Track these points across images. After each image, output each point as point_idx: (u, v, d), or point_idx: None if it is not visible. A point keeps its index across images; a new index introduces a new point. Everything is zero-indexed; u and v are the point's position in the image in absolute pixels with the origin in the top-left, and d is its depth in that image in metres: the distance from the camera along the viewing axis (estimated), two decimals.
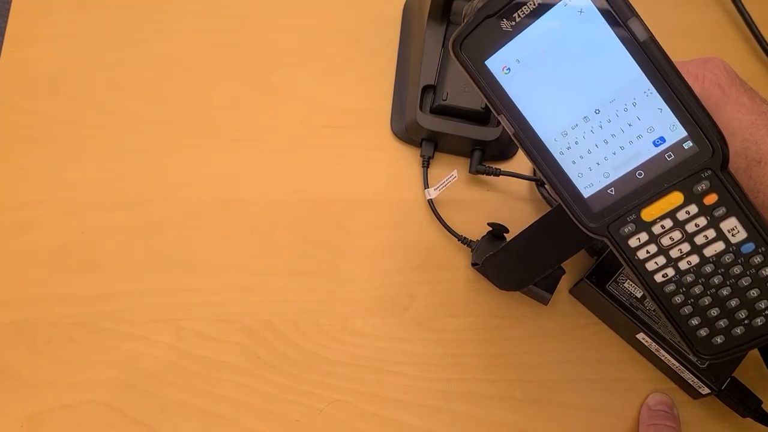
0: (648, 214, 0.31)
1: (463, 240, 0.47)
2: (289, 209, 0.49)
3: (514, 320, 0.47)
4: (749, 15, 0.55)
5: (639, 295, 0.44)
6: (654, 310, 0.44)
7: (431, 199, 0.49)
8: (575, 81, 0.30)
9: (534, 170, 0.51)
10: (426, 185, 0.49)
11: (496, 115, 0.31)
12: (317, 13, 0.55)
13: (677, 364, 0.43)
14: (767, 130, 0.32)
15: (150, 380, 0.45)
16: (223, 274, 0.48)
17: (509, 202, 0.50)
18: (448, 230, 0.48)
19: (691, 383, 0.44)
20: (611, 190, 0.31)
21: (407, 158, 0.51)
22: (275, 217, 0.49)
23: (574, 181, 0.31)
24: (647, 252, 0.31)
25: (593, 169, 0.31)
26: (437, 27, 0.50)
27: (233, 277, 0.47)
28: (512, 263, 0.43)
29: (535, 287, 0.45)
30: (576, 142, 0.31)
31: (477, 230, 0.47)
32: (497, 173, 0.49)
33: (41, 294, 0.47)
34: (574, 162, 0.31)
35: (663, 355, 0.44)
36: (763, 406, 0.43)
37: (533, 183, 0.50)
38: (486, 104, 0.31)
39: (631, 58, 0.29)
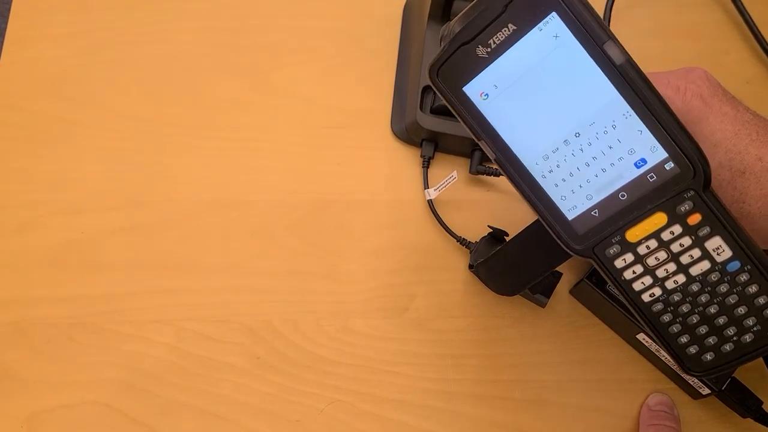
0: (633, 235, 0.31)
1: (462, 241, 0.47)
2: (289, 209, 0.49)
3: (513, 321, 0.47)
4: (749, 15, 0.55)
5: None
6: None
7: (431, 200, 0.49)
8: (554, 105, 0.30)
9: None
10: (426, 186, 0.49)
11: (476, 141, 0.31)
12: (317, 13, 0.55)
13: (677, 365, 0.43)
14: (750, 140, 0.32)
15: (150, 380, 0.45)
16: (223, 274, 0.48)
17: (509, 203, 0.50)
18: (447, 231, 0.48)
19: (692, 383, 0.44)
20: (595, 212, 0.31)
21: (407, 158, 0.51)
22: (275, 217, 0.49)
23: (557, 204, 0.31)
24: (633, 272, 0.32)
25: (576, 191, 0.31)
26: (437, 27, 0.50)
27: (233, 278, 0.47)
28: (505, 269, 0.42)
29: (531, 291, 0.45)
30: (558, 166, 0.31)
31: (477, 231, 0.47)
32: (497, 174, 0.49)
33: (41, 294, 0.47)
34: (556, 185, 0.31)
35: (663, 355, 0.44)
36: (763, 406, 0.43)
37: None
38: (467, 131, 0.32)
39: (609, 82, 0.29)
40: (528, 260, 0.40)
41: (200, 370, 0.45)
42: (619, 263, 0.32)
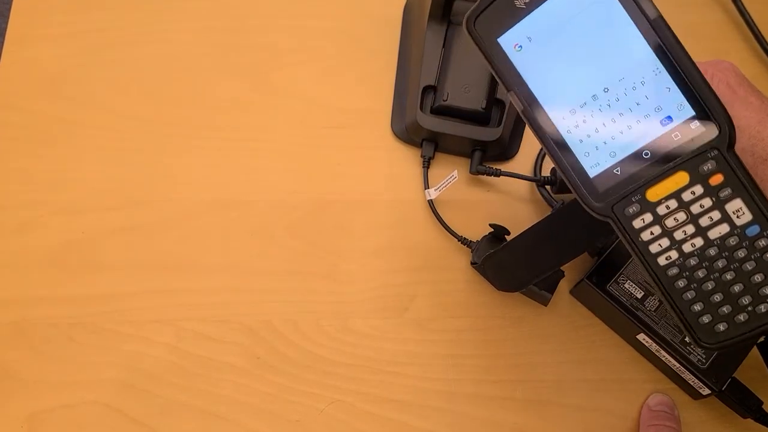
0: (653, 194, 0.30)
1: (463, 240, 0.47)
2: (289, 209, 0.49)
3: (514, 321, 0.47)
4: (749, 15, 0.55)
5: (639, 296, 0.44)
6: (657, 300, 0.44)
7: (431, 200, 0.49)
8: (586, 59, 0.30)
9: (534, 170, 0.50)
10: (426, 185, 0.49)
11: (506, 91, 0.31)
12: (317, 13, 0.55)
13: (678, 365, 0.43)
14: None
15: (150, 380, 0.45)
16: (223, 274, 0.48)
17: (510, 203, 0.50)
18: (448, 231, 0.48)
19: (692, 384, 0.44)
20: (617, 170, 0.31)
21: (408, 158, 0.51)
22: (275, 218, 0.49)
23: (580, 161, 0.31)
24: (651, 233, 0.31)
25: (600, 148, 0.31)
26: (438, 27, 0.50)
27: (233, 278, 0.47)
28: (512, 263, 0.43)
29: (534, 288, 0.45)
30: (584, 120, 0.31)
31: (477, 231, 0.47)
32: (498, 174, 0.49)
33: (41, 294, 0.47)
34: (581, 141, 0.31)
35: (663, 355, 0.44)
36: (763, 406, 0.43)
37: (534, 184, 0.50)
38: (497, 81, 0.32)
39: (642, 37, 0.29)
40: (536, 256, 0.40)
41: (200, 370, 0.45)
42: (637, 223, 0.31)
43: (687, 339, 0.42)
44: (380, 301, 0.47)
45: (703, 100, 0.29)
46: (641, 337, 0.44)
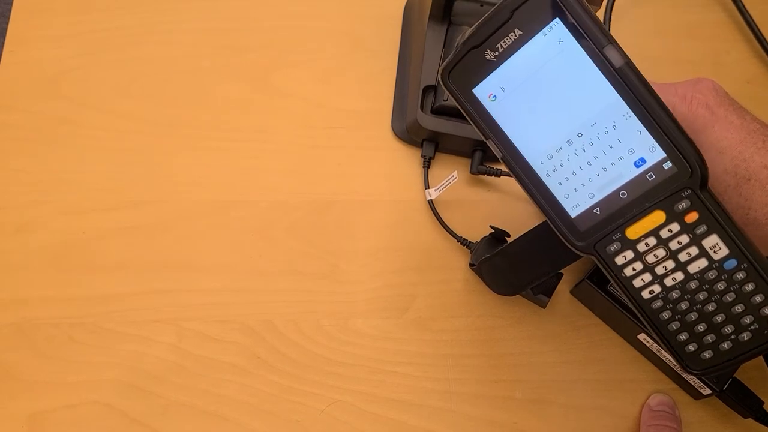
0: (632, 232, 0.32)
1: (463, 241, 0.47)
2: (290, 210, 0.49)
3: (514, 320, 0.47)
4: (750, 15, 0.55)
5: None
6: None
7: (432, 200, 0.49)
8: (558, 106, 0.31)
9: None
10: (427, 186, 0.49)
11: (484, 140, 0.33)
12: (318, 14, 0.55)
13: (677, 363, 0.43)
14: (756, 148, 0.32)
15: (151, 380, 0.45)
16: (223, 274, 0.48)
17: (510, 203, 0.50)
18: (448, 231, 0.48)
19: (693, 384, 0.44)
20: (597, 210, 0.32)
21: (408, 159, 0.51)
22: (276, 218, 0.49)
23: (561, 202, 0.32)
24: (633, 269, 0.32)
25: (579, 190, 0.32)
26: (438, 27, 0.50)
27: (234, 278, 0.47)
28: (508, 268, 0.43)
29: (530, 292, 0.45)
30: (561, 165, 0.32)
31: (478, 231, 0.47)
32: (498, 174, 0.49)
33: (42, 294, 0.47)
34: (560, 183, 0.32)
35: (664, 355, 0.44)
36: (764, 406, 0.43)
37: None
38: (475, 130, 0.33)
39: (609, 84, 0.30)
40: (532, 261, 0.40)
41: (201, 370, 0.45)
42: (619, 260, 0.32)
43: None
44: (381, 301, 0.47)
45: (673, 142, 0.30)
46: (642, 336, 0.44)
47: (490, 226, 0.45)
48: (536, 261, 0.40)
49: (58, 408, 0.44)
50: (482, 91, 0.32)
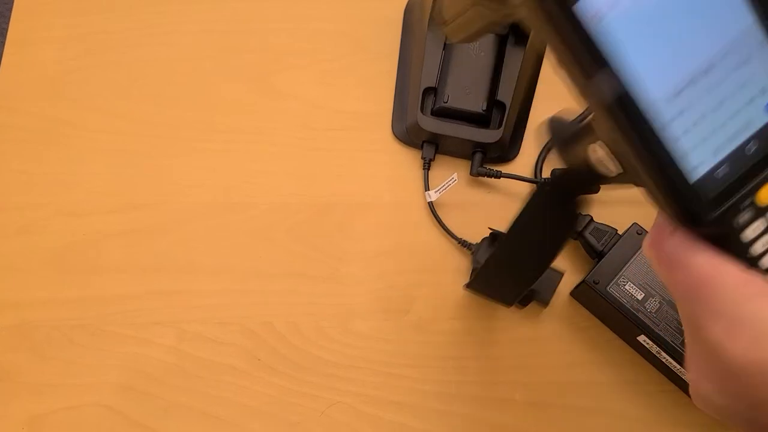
0: (766, 196, 0.24)
1: (463, 243, 0.47)
2: (291, 212, 0.49)
3: (514, 322, 0.47)
4: None
5: (640, 298, 0.44)
6: (657, 302, 0.42)
7: (432, 202, 0.49)
8: (682, 32, 0.23)
9: (535, 172, 0.50)
10: (427, 187, 0.49)
11: (584, 79, 0.23)
12: (318, 16, 0.55)
13: (678, 366, 0.43)
14: None
15: (151, 382, 0.45)
16: (224, 276, 0.48)
17: (510, 205, 0.50)
18: (448, 233, 0.48)
19: None
20: (720, 171, 0.24)
21: (408, 160, 0.51)
22: (276, 220, 0.49)
23: (678, 164, 0.24)
24: (763, 245, 0.25)
25: (700, 145, 0.24)
26: (438, 29, 0.50)
27: (234, 280, 0.48)
28: (494, 283, 0.42)
29: (531, 296, 0.45)
30: (681, 112, 0.23)
31: (478, 233, 0.47)
32: (498, 175, 0.49)
33: (43, 296, 0.47)
34: (677, 139, 0.23)
35: (664, 357, 0.44)
36: None
37: (534, 185, 0.50)
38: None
39: (742, 3, 0.23)
40: (514, 269, 0.38)
41: (201, 372, 0.45)
42: (749, 233, 0.25)
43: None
44: (381, 303, 0.47)
45: None
46: (642, 338, 0.44)
47: (490, 228, 0.45)
48: (518, 267, 0.38)
49: (59, 410, 0.44)
50: (586, 8, 0.23)
